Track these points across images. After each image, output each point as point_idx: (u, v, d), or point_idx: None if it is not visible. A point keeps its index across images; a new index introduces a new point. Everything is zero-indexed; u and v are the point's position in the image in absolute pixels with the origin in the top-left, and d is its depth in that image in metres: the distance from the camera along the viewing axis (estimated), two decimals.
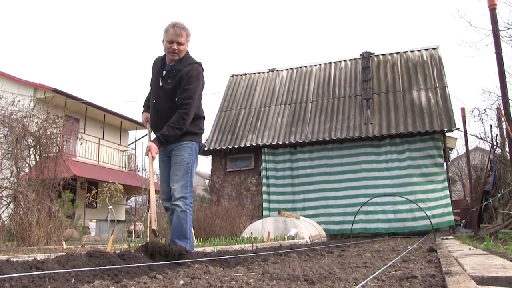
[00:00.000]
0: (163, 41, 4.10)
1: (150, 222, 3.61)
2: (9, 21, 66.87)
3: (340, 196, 12.87)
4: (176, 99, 3.99)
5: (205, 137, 14.31)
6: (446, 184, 12.24)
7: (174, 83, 4.01)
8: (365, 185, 12.73)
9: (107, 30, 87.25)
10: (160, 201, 5.17)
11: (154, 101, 4.18)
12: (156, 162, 4.12)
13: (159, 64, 4.19)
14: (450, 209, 11.92)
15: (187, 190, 3.98)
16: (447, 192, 12.16)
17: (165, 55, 4.17)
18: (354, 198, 12.60)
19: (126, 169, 22.69)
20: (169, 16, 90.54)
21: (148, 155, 3.88)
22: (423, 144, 12.61)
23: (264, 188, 13.71)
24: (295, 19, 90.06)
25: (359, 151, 13.14)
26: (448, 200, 12.02)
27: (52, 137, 8.87)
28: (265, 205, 13.50)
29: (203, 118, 4.26)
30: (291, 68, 16.69)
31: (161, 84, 4.10)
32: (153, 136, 4.21)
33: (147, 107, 4.44)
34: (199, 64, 4.11)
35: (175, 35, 3.96)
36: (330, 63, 16.16)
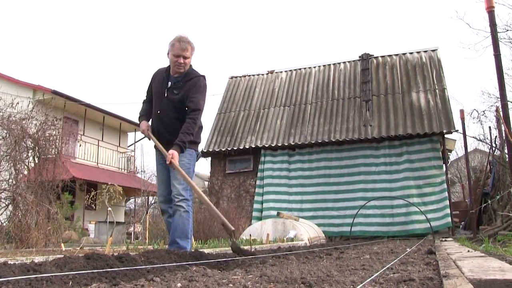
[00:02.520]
0: (168, 53, 4.23)
1: (223, 225, 3.72)
2: (8, 23, 66.90)
3: (339, 199, 12.87)
4: (181, 109, 4.14)
5: (203, 141, 14.31)
6: (444, 186, 12.22)
7: (181, 94, 4.15)
8: (364, 187, 12.72)
9: (106, 32, 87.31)
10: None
11: (158, 111, 4.27)
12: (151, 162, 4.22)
13: (163, 75, 4.31)
14: (448, 211, 11.90)
15: (188, 193, 4.08)
16: (446, 194, 12.14)
17: (168, 66, 4.31)
18: (353, 200, 12.60)
19: (126, 170, 22.70)
20: (168, 19, 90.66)
21: (171, 163, 3.93)
22: (422, 146, 12.61)
23: (258, 190, 13.67)
24: (294, 21, 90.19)
25: (358, 153, 13.14)
26: (447, 202, 12.01)
27: (51, 139, 8.84)
28: (256, 206, 13.44)
29: (201, 128, 4.40)
30: (290, 70, 16.70)
31: (166, 94, 4.22)
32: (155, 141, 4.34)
33: (144, 117, 4.50)
34: (204, 77, 4.28)
35: (181, 49, 4.12)
36: (329, 64, 16.18)
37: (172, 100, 4.18)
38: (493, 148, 12.41)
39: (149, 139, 4.39)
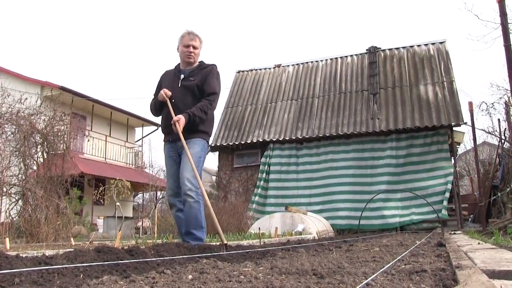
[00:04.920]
0: (177, 48, 4.43)
1: (218, 234, 3.74)
2: (16, 20, 67.19)
3: (346, 191, 12.82)
4: (197, 94, 4.26)
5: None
6: (451, 178, 12.08)
7: (198, 79, 4.28)
8: (372, 180, 12.67)
9: (114, 28, 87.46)
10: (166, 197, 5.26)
11: (173, 100, 4.29)
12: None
13: (173, 72, 4.48)
14: (446, 203, 11.76)
15: (197, 183, 4.07)
16: (450, 186, 11.97)
17: (178, 64, 4.49)
18: (360, 193, 12.56)
19: (133, 166, 22.78)
20: (175, 13, 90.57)
21: (176, 125, 4.00)
22: (430, 139, 12.54)
23: (262, 183, 13.62)
24: (301, 14, 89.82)
25: (365, 146, 13.09)
26: (447, 195, 11.84)
27: (59, 134, 8.90)
28: (258, 199, 13.30)
29: (213, 120, 4.50)
30: (297, 64, 16.64)
31: (180, 84, 4.32)
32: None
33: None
34: (216, 66, 4.48)
35: (190, 39, 4.35)
36: (336, 58, 16.10)
37: (189, 87, 4.28)
38: (502, 141, 12.28)
39: (167, 102, 4.26)
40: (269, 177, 13.67)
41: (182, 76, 4.35)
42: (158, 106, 4.41)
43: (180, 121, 4.00)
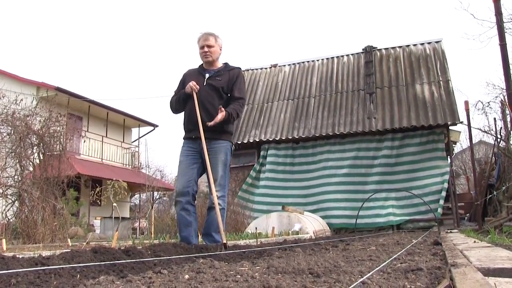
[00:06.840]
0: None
1: (219, 232, 3.86)
2: (12, 20, 66.95)
3: (343, 191, 12.81)
4: (224, 94, 4.37)
5: None
6: (447, 177, 12.11)
7: (225, 80, 4.39)
8: (368, 180, 12.68)
9: (110, 28, 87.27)
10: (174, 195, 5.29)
11: (201, 100, 4.33)
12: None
13: (197, 71, 4.57)
14: (442, 202, 11.81)
15: (226, 189, 4.34)
16: (446, 185, 12.01)
17: (200, 64, 4.61)
18: (357, 193, 12.55)
19: (130, 166, 22.75)
20: (170, 14, 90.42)
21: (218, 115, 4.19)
22: (426, 138, 12.56)
23: (258, 182, 13.65)
24: (297, 14, 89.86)
25: (362, 146, 13.09)
26: (444, 194, 11.89)
27: (55, 135, 8.87)
28: (242, 194, 13.39)
29: None
30: (293, 64, 16.63)
31: (205, 83, 4.38)
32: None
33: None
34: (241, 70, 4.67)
35: (204, 40, 4.48)
36: (332, 57, 16.09)
37: (215, 86, 4.36)
38: (498, 140, 12.31)
39: (193, 95, 4.29)
40: (265, 177, 13.67)
41: (208, 75, 4.42)
42: (182, 101, 4.42)
43: (222, 113, 4.14)
